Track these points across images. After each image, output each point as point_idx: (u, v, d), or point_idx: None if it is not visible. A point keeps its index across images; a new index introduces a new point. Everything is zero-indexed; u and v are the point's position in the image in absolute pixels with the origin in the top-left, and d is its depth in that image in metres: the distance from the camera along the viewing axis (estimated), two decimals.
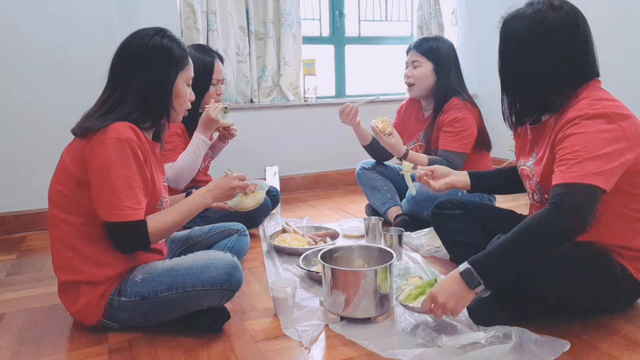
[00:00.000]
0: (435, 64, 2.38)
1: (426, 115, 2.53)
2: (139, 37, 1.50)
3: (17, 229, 2.67)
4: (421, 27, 3.94)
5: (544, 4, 1.43)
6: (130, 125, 1.43)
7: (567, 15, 1.41)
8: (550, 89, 1.44)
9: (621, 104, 1.40)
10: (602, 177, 1.28)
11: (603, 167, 1.29)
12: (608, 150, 1.30)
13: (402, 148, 2.29)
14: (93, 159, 1.39)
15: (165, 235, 1.54)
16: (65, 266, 1.49)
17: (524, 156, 1.63)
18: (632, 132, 1.34)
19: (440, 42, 2.43)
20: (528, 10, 1.44)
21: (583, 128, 1.33)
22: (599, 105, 1.35)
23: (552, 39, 1.40)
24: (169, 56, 1.51)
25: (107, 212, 1.39)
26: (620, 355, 1.34)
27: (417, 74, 2.41)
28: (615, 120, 1.33)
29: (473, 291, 1.33)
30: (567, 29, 1.40)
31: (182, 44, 1.57)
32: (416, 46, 2.43)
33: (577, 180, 1.28)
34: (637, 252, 1.46)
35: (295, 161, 3.52)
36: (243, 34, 3.29)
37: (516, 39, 1.45)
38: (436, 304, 1.36)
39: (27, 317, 1.69)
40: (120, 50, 1.52)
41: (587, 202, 1.28)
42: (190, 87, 1.61)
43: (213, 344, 1.47)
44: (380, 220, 2.19)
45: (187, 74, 1.57)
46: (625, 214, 1.43)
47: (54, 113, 2.63)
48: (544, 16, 1.41)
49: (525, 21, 1.43)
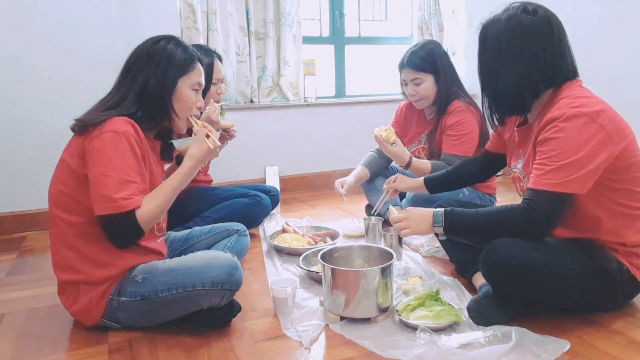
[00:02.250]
0: (434, 74, 2.35)
1: (428, 118, 2.53)
2: (145, 42, 1.56)
3: (17, 229, 2.67)
4: (421, 27, 3.94)
5: (518, 9, 1.46)
6: (128, 120, 1.44)
7: (540, 19, 1.44)
8: (524, 91, 1.46)
9: (598, 99, 1.42)
10: (576, 182, 1.34)
11: (578, 172, 1.33)
12: (585, 152, 1.33)
13: (405, 156, 2.28)
14: (91, 151, 1.40)
15: (159, 216, 1.47)
16: (65, 266, 1.50)
17: (514, 160, 1.65)
18: (612, 128, 1.36)
19: (431, 49, 2.37)
20: (503, 16, 1.47)
21: (561, 132, 1.36)
22: (577, 103, 1.37)
23: (525, 43, 1.43)
24: (170, 59, 1.52)
25: (100, 204, 1.39)
26: (620, 355, 1.35)
27: (421, 91, 2.36)
28: (595, 118, 1.35)
29: (432, 228, 1.53)
30: (540, 33, 1.43)
31: (190, 49, 1.59)
32: (409, 64, 2.34)
33: (549, 189, 1.35)
34: (633, 247, 1.47)
35: (295, 161, 3.51)
36: (243, 34, 3.29)
37: (491, 43, 1.49)
38: (403, 219, 1.58)
39: (27, 317, 1.69)
40: (130, 55, 1.56)
41: (555, 210, 1.37)
42: (198, 93, 1.61)
43: (213, 343, 1.47)
44: (380, 220, 2.20)
45: (192, 79, 1.57)
46: (617, 211, 1.45)
47: (53, 113, 2.62)
48: (518, 21, 1.44)
49: (500, 26, 1.47)
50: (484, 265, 1.47)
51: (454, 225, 1.50)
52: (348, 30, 3.81)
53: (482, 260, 1.47)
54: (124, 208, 1.38)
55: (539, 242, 1.43)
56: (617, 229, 1.46)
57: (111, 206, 1.38)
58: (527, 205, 1.38)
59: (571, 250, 1.44)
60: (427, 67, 2.34)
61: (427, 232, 1.56)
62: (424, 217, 1.55)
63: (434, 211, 1.53)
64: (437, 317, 1.47)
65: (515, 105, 1.51)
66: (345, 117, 3.63)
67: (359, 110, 3.67)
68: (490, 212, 1.49)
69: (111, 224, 1.41)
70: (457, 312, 1.49)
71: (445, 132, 2.36)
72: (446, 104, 2.37)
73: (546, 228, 1.41)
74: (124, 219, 1.39)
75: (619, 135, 1.37)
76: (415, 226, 1.56)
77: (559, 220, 1.41)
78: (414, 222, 1.56)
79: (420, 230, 1.56)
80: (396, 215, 1.63)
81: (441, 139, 2.39)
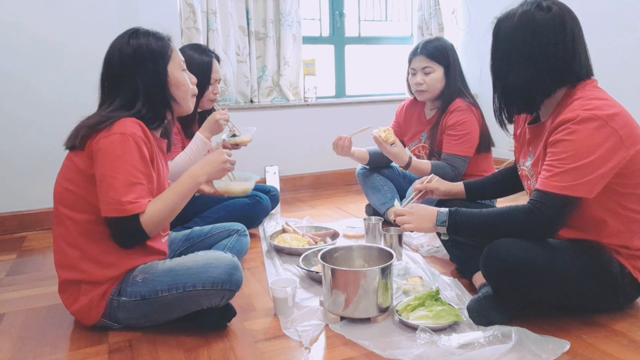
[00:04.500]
0: (445, 67, 2.35)
1: (429, 116, 2.52)
2: (116, 49, 1.50)
3: (17, 229, 2.67)
4: (421, 27, 3.94)
5: (532, 4, 1.44)
6: (136, 121, 1.44)
7: (553, 17, 1.41)
8: (533, 89, 1.45)
9: (613, 101, 1.40)
10: (584, 186, 1.33)
11: (587, 176, 1.32)
12: (596, 156, 1.32)
13: (405, 157, 2.28)
14: (98, 152, 1.40)
15: (164, 222, 1.47)
16: (67, 264, 1.50)
17: (523, 157, 1.63)
18: (625, 132, 1.34)
19: (445, 43, 2.40)
20: (517, 11, 1.45)
21: (573, 135, 1.34)
22: (591, 105, 1.36)
23: (534, 41, 1.41)
24: (151, 52, 1.49)
25: (107, 206, 1.39)
26: (621, 355, 1.34)
27: (430, 81, 2.35)
28: (608, 122, 1.33)
29: (435, 227, 1.53)
30: (553, 30, 1.40)
31: (158, 33, 1.55)
32: (424, 51, 2.35)
33: (556, 191, 1.34)
34: (636, 251, 1.47)
35: (295, 161, 3.52)
36: (243, 34, 3.29)
37: (502, 40, 1.48)
38: (407, 214, 1.58)
39: (27, 317, 1.69)
40: (106, 64, 1.51)
41: (561, 213, 1.37)
42: (186, 71, 1.60)
43: (213, 343, 1.47)
44: (380, 220, 2.19)
45: (175, 60, 1.56)
46: (623, 214, 1.44)
47: (54, 113, 2.62)
48: (531, 17, 1.42)
49: (513, 21, 1.45)
50: (485, 266, 1.47)
51: (458, 225, 1.50)
52: (348, 30, 3.82)
53: (482, 260, 1.47)
54: (129, 212, 1.38)
55: (539, 242, 1.43)
56: (621, 232, 1.45)
57: (118, 209, 1.38)
58: (533, 207, 1.37)
59: (572, 251, 1.44)
60: (440, 57, 2.35)
61: (430, 230, 1.56)
62: (428, 214, 1.55)
63: (439, 210, 1.53)
64: (437, 317, 1.47)
65: (524, 104, 1.49)
66: (345, 117, 3.63)
67: (359, 110, 3.67)
68: (495, 213, 1.48)
69: (117, 226, 1.41)
70: (457, 312, 1.49)
71: (445, 131, 2.36)
72: (449, 100, 2.36)
73: (551, 230, 1.41)
74: (129, 222, 1.39)
75: (631, 139, 1.35)
76: (418, 222, 1.56)
77: (564, 223, 1.41)
78: (418, 218, 1.56)
79: (422, 227, 1.56)
80: (400, 209, 1.64)
81: (442, 138, 2.39)
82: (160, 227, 1.46)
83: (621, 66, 2.89)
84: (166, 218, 1.46)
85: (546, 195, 1.36)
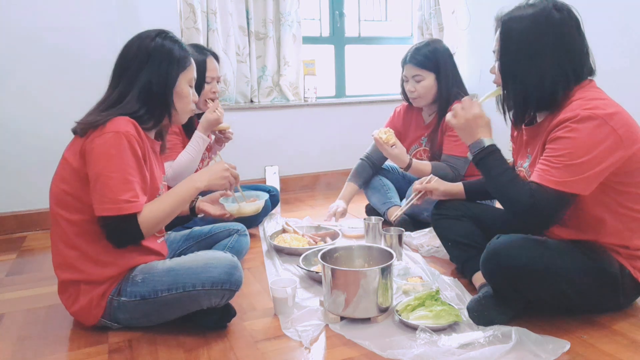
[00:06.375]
0: (436, 73, 2.35)
1: (427, 121, 2.52)
2: (140, 39, 1.53)
3: (17, 229, 2.67)
4: (421, 27, 3.94)
5: (548, 4, 1.44)
6: (130, 120, 1.44)
7: (569, 16, 1.44)
8: (550, 86, 1.44)
9: (612, 101, 1.41)
10: (579, 183, 1.34)
11: (583, 174, 1.33)
12: (593, 155, 1.33)
13: (405, 158, 2.28)
14: (92, 152, 1.40)
15: (161, 224, 1.50)
16: (65, 265, 1.50)
17: (520, 158, 1.64)
18: (625, 132, 1.35)
19: (435, 48, 2.38)
20: (529, 11, 1.45)
21: (572, 133, 1.35)
22: (590, 105, 1.37)
23: (556, 38, 1.42)
24: (170, 57, 1.53)
25: (101, 205, 1.39)
26: (620, 355, 1.35)
27: (421, 88, 2.37)
28: (607, 121, 1.34)
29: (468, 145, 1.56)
30: (571, 29, 1.43)
31: (184, 45, 1.59)
32: (412, 60, 2.36)
33: (551, 185, 1.35)
34: (636, 250, 1.47)
35: (295, 161, 3.51)
36: (243, 34, 3.29)
37: (519, 38, 1.46)
38: (460, 110, 1.56)
39: (27, 317, 1.69)
40: (123, 51, 1.55)
41: (556, 206, 1.37)
42: (193, 88, 1.63)
43: (213, 343, 1.47)
44: (380, 220, 2.19)
45: (189, 75, 1.59)
46: (622, 213, 1.44)
47: (54, 113, 2.63)
48: (549, 15, 1.43)
49: (528, 21, 1.44)
50: (485, 266, 1.47)
51: (482, 162, 1.51)
52: (348, 30, 3.81)
53: (482, 260, 1.47)
54: (126, 210, 1.38)
55: (539, 242, 1.43)
56: (621, 231, 1.45)
57: (114, 207, 1.38)
58: (534, 191, 1.37)
59: (572, 252, 1.44)
60: (429, 64, 2.35)
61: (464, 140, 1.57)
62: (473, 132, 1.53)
63: (481, 138, 1.52)
64: (437, 317, 1.47)
65: (545, 99, 1.47)
66: (345, 117, 3.63)
67: (359, 110, 3.68)
68: (510, 178, 1.45)
69: (112, 225, 1.41)
70: (457, 312, 1.49)
71: (446, 132, 2.36)
72: (447, 105, 2.36)
73: (544, 221, 1.42)
74: (125, 221, 1.39)
75: (630, 138, 1.36)
76: (464, 126, 1.54)
77: (558, 217, 1.41)
78: (465, 124, 1.54)
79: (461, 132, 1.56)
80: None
81: (442, 140, 2.39)
82: (156, 229, 1.48)
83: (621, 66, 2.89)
84: (163, 220, 1.48)
85: (542, 188, 1.36)
